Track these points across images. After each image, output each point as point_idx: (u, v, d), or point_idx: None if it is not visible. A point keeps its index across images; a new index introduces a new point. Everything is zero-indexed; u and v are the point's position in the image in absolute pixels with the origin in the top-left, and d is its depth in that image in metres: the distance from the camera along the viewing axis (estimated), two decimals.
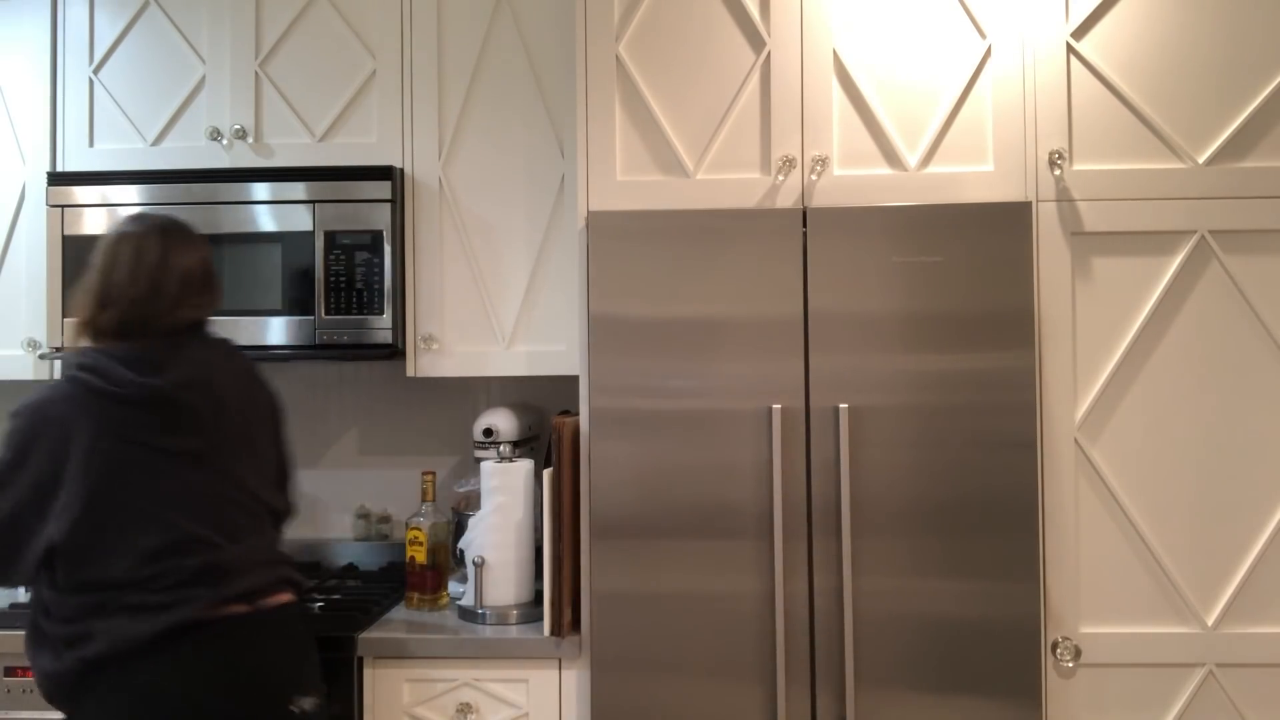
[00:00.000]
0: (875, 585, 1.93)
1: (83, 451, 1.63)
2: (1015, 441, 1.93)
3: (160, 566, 1.63)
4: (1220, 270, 2.01)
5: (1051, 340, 2.01)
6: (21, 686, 2.10)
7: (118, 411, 1.65)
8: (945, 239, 1.95)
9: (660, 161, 2.10)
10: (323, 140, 2.43)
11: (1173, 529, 2.00)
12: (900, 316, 1.95)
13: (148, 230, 1.78)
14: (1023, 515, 1.93)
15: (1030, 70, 2.04)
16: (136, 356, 1.69)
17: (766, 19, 2.08)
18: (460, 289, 2.39)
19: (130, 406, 1.66)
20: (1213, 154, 2.02)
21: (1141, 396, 2.01)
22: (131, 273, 1.74)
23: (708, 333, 1.97)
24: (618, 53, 2.10)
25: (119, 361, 1.67)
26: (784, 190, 2.06)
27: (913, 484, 1.94)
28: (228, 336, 1.91)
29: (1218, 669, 1.98)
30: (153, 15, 2.47)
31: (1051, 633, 1.99)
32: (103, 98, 2.47)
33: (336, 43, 2.44)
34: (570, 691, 2.05)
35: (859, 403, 1.94)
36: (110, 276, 1.74)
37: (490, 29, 2.41)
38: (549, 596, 2.03)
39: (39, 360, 2.43)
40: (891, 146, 2.06)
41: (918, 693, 1.92)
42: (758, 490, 1.95)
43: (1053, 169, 2.02)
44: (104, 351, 1.70)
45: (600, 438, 1.98)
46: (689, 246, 1.98)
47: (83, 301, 1.75)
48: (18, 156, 2.48)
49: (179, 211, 2.35)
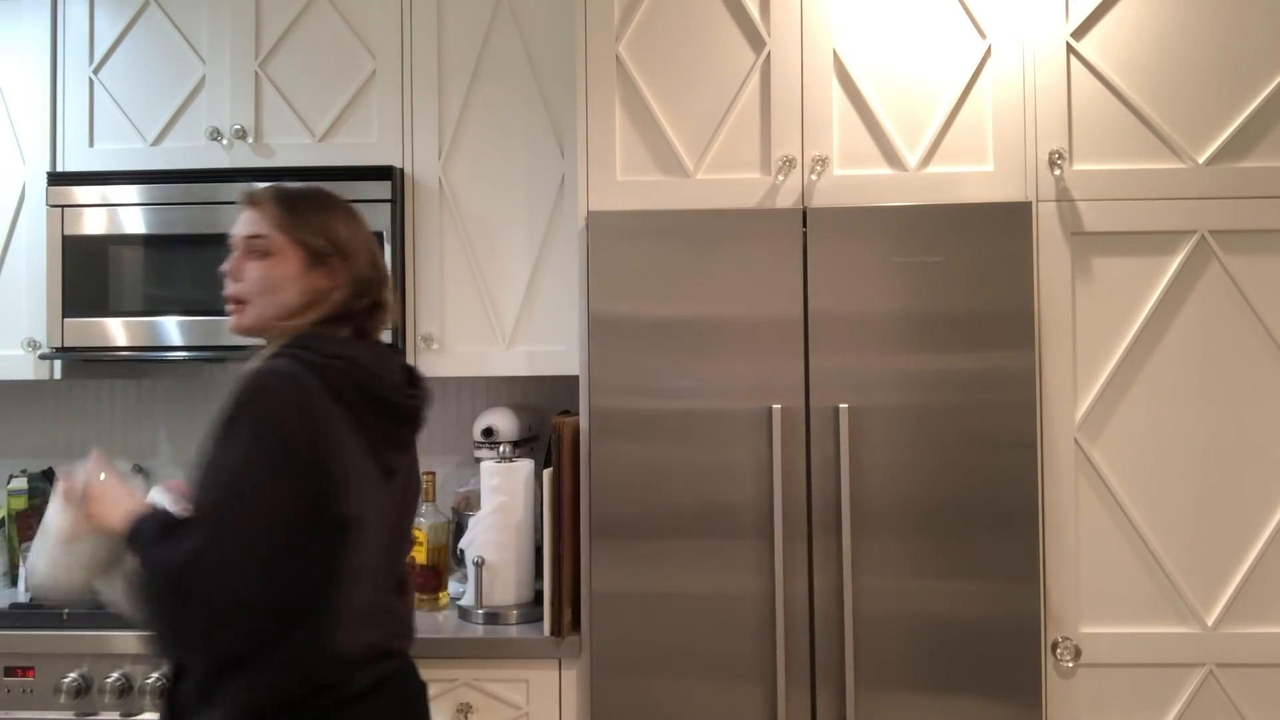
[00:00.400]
0: (875, 585, 1.93)
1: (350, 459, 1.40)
2: (1015, 441, 1.93)
3: (392, 601, 1.48)
4: (1220, 270, 2.01)
5: (1051, 340, 2.01)
6: (21, 686, 2.10)
7: (376, 419, 1.45)
8: (945, 239, 1.95)
9: (660, 161, 2.10)
10: (323, 140, 2.43)
11: (1173, 529, 2.00)
12: (900, 316, 1.95)
13: (348, 205, 1.57)
14: (1023, 515, 1.93)
15: (1030, 70, 2.04)
16: (386, 360, 1.50)
17: (766, 19, 2.08)
18: (460, 289, 2.39)
19: (388, 417, 1.47)
20: (1213, 154, 2.02)
21: (1141, 396, 2.01)
22: (371, 257, 1.55)
23: (708, 333, 1.97)
24: (618, 53, 2.10)
25: (378, 362, 1.47)
26: (784, 190, 2.06)
27: (913, 484, 1.94)
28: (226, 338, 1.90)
29: (1218, 669, 1.98)
30: (153, 15, 2.47)
31: (1051, 633, 1.99)
32: (103, 98, 2.47)
33: (336, 43, 2.44)
34: (570, 691, 2.05)
35: (859, 403, 1.94)
36: (359, 258, 1.52)
37: (490, 29, 2.40)
38: (549, 596, 2.03)
39: (39, 360, 2.43)
40: (891, 146, 2.06)
41: (918, 693, 1.92)
42: (758, 490, 1.95)
43: (1053, 169, 2.02)
44: (354, 345, 1.48)
45: (600, 438, 1.98)
46: (689, 246, 1.98)
47: (339, 281, 1.49)
48: (18, 156, 2.48)
49: (179, 211, 2.37)
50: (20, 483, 2.60)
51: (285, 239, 1.49)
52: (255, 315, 1.49)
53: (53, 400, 2.76)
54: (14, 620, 2.17)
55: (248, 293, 1.48)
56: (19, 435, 2.76)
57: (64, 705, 2.08)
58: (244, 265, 1.49)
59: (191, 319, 2.35)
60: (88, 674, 2.09)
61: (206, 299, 2.34)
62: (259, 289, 1.48)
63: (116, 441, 2.73)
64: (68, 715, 2.09)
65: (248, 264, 1.48)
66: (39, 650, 2.11)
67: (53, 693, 2.08)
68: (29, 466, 2.69)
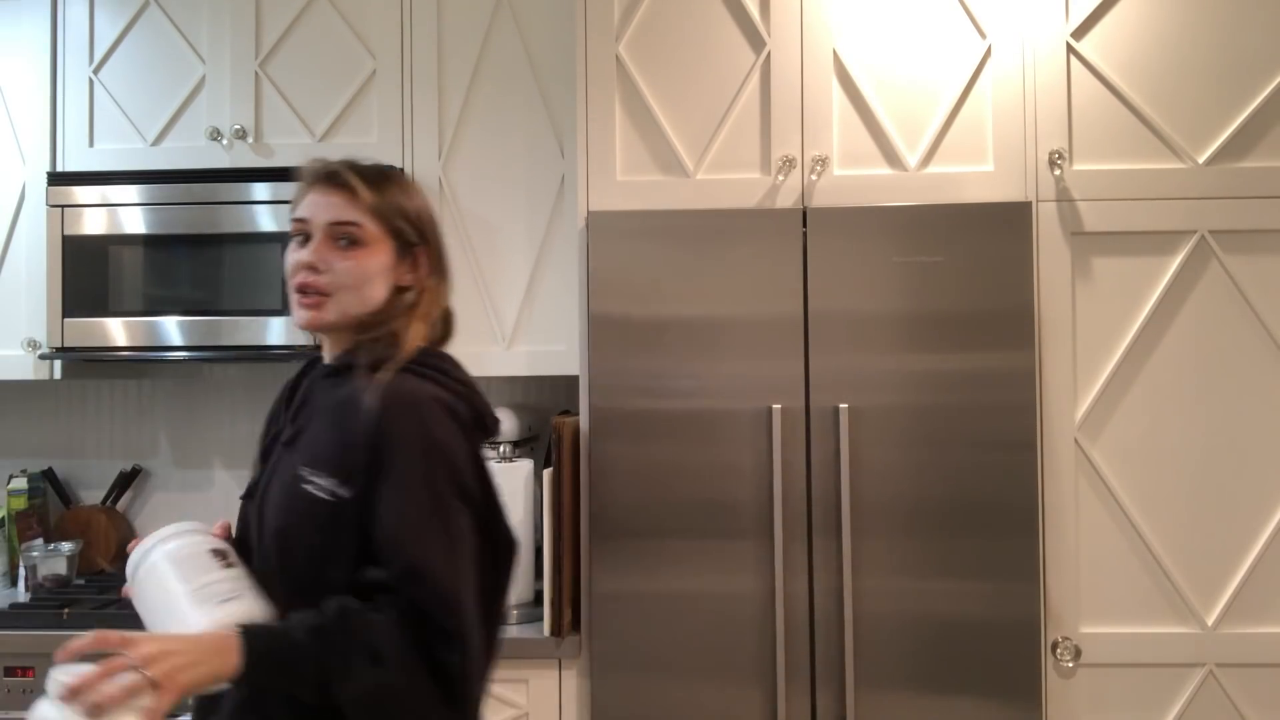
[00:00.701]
0: (875, 585, 1.93)
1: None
2: (1015, 441, 1.93)
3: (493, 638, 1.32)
4: (1220, 270, 2.01)
5: (1051, 340, 2.01)
6: (21, 686, 2.10)
7: (481, 443, 1.32)
8: (945, 239, 1.95)
9: (660, 161, 2.10)
10: (323, 140, 2.43)
11: (1173, 529, 2.00)
12: (900, 316, 1.95)
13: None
14: (1023, 515, 1.93)
15: (1030, 70, 2.04)
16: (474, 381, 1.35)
17: (766, 19, 2.08)
18: (460, 289, 2.34)
19: (485, 442, 1.35)
20: (1213, 154, 2.02)
21: (1141, 396, 2.01)
22: (444, 247, 1.41)
23: (708, 333, 1.97)
24: (618, 53, 2.10)
25: (475, 384, 1.34)
26: (784, 190, 2.06)
27: (913, 484, 1.94)
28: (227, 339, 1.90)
29: (1218, 669, 1.98)
30: (153, 15, 2.47)
31: (1051, 633, 1.99)
32: (103, 98, 2.47)
33: (336, 43, 2.44)
34: (570, 692, 2.05)
35: (859, 403, 1.94)
36: (441, 248, 1.39)
37: (490, 29, 2.40)
38: (549, 596, 2.03)
39: (39, 360, 2.43)
40: (891, 146, 2.06)
41: (918, 693, 1.92)
42: (758, 490, 1.95)
43: (1053, 169, 2.02)
44: (461, 366, 1.35)
45: (600, 438, 1.98)
46: (689, 246, 1.98)
47: (422, 273, 1.36)
48: (18, 156, 2.48)
49: (179, 211, 2.37)
50: (20, 483, 2.60)
51: (379, 227, 1.31)
52: (339, 312, 1.29)
53: (53, 400, 2.76)
54: (14, 620, 2.17)
55: (334, 286, 1.28)
56: (19, 435, 2.76)
57: None
58: (329, 254, 1.28)
59: (191, 319, 2.35)
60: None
61: (206, 299, 2.34)
62: (349, 282, 1.29)
63: (116, 441, 2.73)
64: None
65: (333, 253, 1.29)
66: (39, 650, 2.10)
67: None
68: (29, 466, 2.68)
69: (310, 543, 1.21)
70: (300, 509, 1.21)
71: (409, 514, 1.17)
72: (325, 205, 1.31)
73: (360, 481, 1.19)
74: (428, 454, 1.19)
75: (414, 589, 1.14)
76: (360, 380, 1.24)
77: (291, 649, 1.11)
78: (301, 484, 1.22)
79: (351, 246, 1.29)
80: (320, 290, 1.28)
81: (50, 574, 2.38)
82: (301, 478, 1.22)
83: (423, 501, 1.18)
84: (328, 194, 1.32)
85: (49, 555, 2.39)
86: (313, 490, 1.21)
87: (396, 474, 1.18)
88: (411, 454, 1.19)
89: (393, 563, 1.16)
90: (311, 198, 1.33)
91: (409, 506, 1.17)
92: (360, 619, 1.13)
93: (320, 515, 1.20)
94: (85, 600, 2.26)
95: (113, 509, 2.67)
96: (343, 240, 1.29)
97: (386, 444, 1.18)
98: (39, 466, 2.70)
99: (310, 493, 1.21)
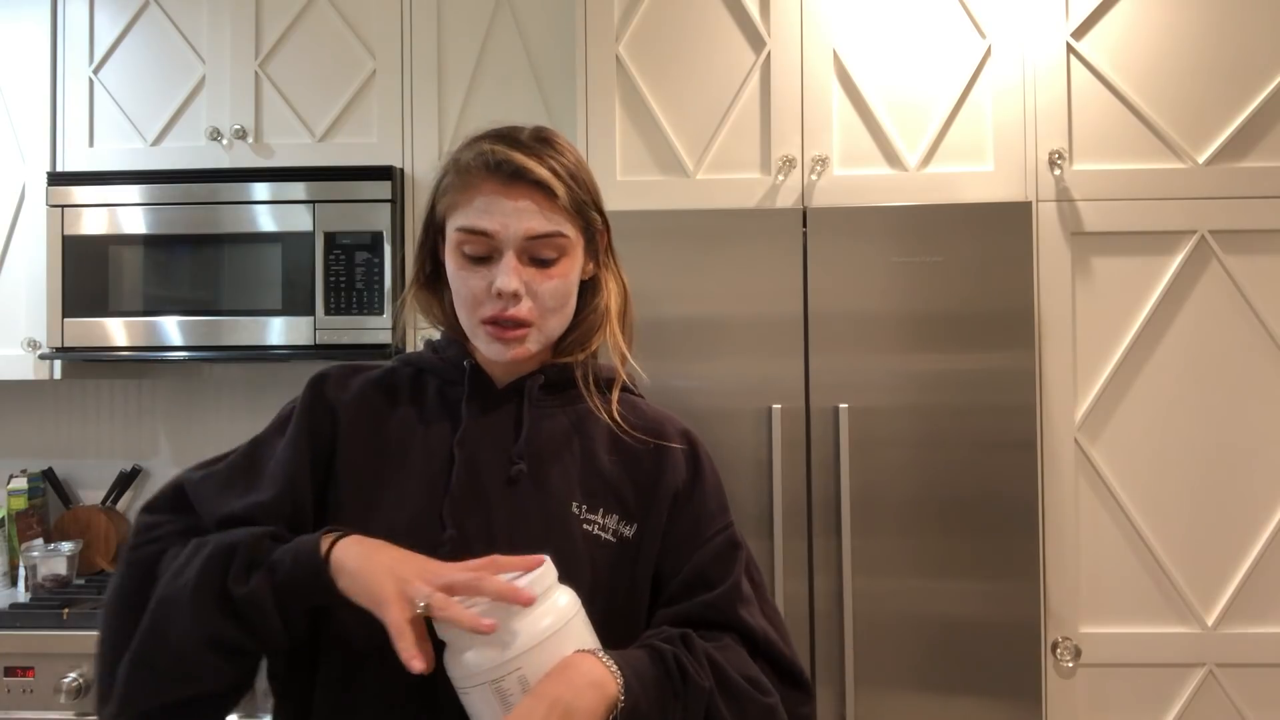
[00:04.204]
0: (875, 585, 1.93)
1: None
2: (1015, 441, 1.93)
3: None
4: (1220, 270, 2.01)
5: (1051, 340, 2.01)
6: (22, 686, 2.10)
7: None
8: (945, 239, 1.95)
9: (660, 161, 2.10)
10: (323, 140, 2.43)
11: (1173, 529, 2.00)
12: (900, 316, 1.95)
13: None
14: (1023, 515, 1.93)
15: (1030, 70, 2.04)
16: None
17: (766, 19, 2.08)
18: None
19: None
20: (1213, 154, 2.02)
21: (1141, 396, 2.01)
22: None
23: (707, 332, 1.97)
24: (618, 53, 2.10)
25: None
26: (784, 190, 2.06)
27: (913, 484, 1.94)
28: (227, 339, 1.90)
29: (1218, 669, 1.98)
30: (153, 15, 2.47)
31: (1051, 633, 1.99)
32: (103, 97, 2.47)
33: (336, 43, 2.44)
34: None
35: (859, 403, 1.94)
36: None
37: (490, 29, 2.40)
38: None
39: (39, 360, 2.43)
40: (891, 146, 2.06)
41: (918, 693, 1.92)
42: (758, 490, 1.95)
43: (1053, 169, 2.02)
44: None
45: None
46: (689, 246, 1.98)
47: (588, 272, 1.18)
48: (18, 156, 2.48)
49: (179, 211, 2.37)
50: (20, 483, 2.60)
51: (575, 227, 1.08)
52: (543, 341, 1.09)
53: (53, 400, 2.76)
54: (14, 620, 2.17)
55: (538, 312, 1.06)
56: (19, 435, 2.76)
57: (64, 705, 2.08)
58: (530, 276, 1.05)
59: (191, 319, 2.35)
60: (88, 674, 2.09)
61: (206, 299, 2.35)
62: (554, 305, 1.07)
63: (116, 441, 2.73)
64: (68, 715, 2.09)
65: (533, 274, 1.05)
66: (39, 650, 2.11)
67: (53, 693, 2.08)
68: (29, 466, 2.69)
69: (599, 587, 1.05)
70: (581, 552, 1.05)
71: (736, 575, 1.12)
72: (516, 213, 1.04)
73: (648, 520, 1.09)
74: (722, 500, 1.16)
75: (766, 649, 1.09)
76: (599, 402, 1.14)
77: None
78: (581, 524, 1.06)
79: (555, 262, 1.06)
80: (522, 321, 1.05)
81: (50, 574, 2.38)
82: (578, 517, 1.06)
83: (734, 540, 1.16)
84: (514, 196, 1.04)
85: (49, 555, 2.39)
86: (595, 531, 1.07)
87: (704, 510, 1.13)
88: (720, 501, 1.15)
89: (730, 622, 1.10)
90: (491, 201, 1.04)
91: (725, 544, 1.14)
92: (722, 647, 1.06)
93: (601, 556, 1.06)
94: (85, 600, 2.26)
95: (113, 509, 2.67)
96: (549, 256, 1.05)
97: (700, 489, 1.14)
98: (39, 466, 2.70)
99: (593, 534, 1.07)
